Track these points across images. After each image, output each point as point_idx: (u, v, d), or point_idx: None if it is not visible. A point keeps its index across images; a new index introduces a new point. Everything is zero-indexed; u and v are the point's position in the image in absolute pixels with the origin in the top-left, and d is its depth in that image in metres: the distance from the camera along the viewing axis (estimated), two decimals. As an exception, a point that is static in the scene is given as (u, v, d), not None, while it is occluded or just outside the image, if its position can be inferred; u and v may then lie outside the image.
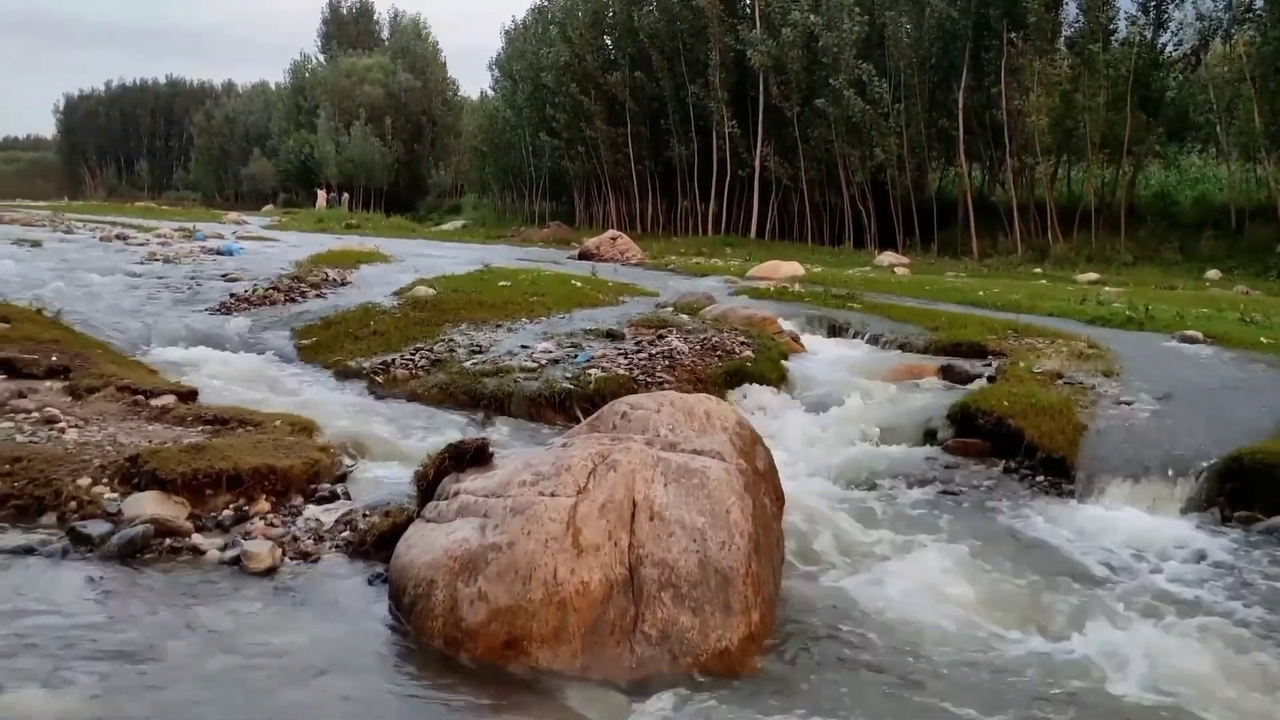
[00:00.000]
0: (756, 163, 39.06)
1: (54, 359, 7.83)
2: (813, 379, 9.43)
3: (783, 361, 9.78)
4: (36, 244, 17.28)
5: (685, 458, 4.63)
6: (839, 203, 37.56)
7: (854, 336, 11.96)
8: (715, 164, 41.15)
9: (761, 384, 9.14)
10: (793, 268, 20.30)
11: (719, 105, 39.32)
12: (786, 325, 11.64)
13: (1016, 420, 7.33)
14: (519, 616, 3.88)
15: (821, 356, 10.69)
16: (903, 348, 10.91)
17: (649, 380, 8.65)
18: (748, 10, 40.22)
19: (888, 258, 28.58)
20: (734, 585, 4.15)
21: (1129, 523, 6.07)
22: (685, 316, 11.57)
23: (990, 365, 9.52)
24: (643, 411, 5.13)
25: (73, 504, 4.90)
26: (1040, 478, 6.88)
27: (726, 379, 9.10)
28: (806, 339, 11.48)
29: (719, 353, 9.62)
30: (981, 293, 16.14)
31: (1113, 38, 30.67)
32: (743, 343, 9.97)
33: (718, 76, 39.09)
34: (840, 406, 8.50)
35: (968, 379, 9.09)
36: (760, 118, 38.52)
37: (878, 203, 35.88)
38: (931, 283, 19.21)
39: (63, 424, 6.04)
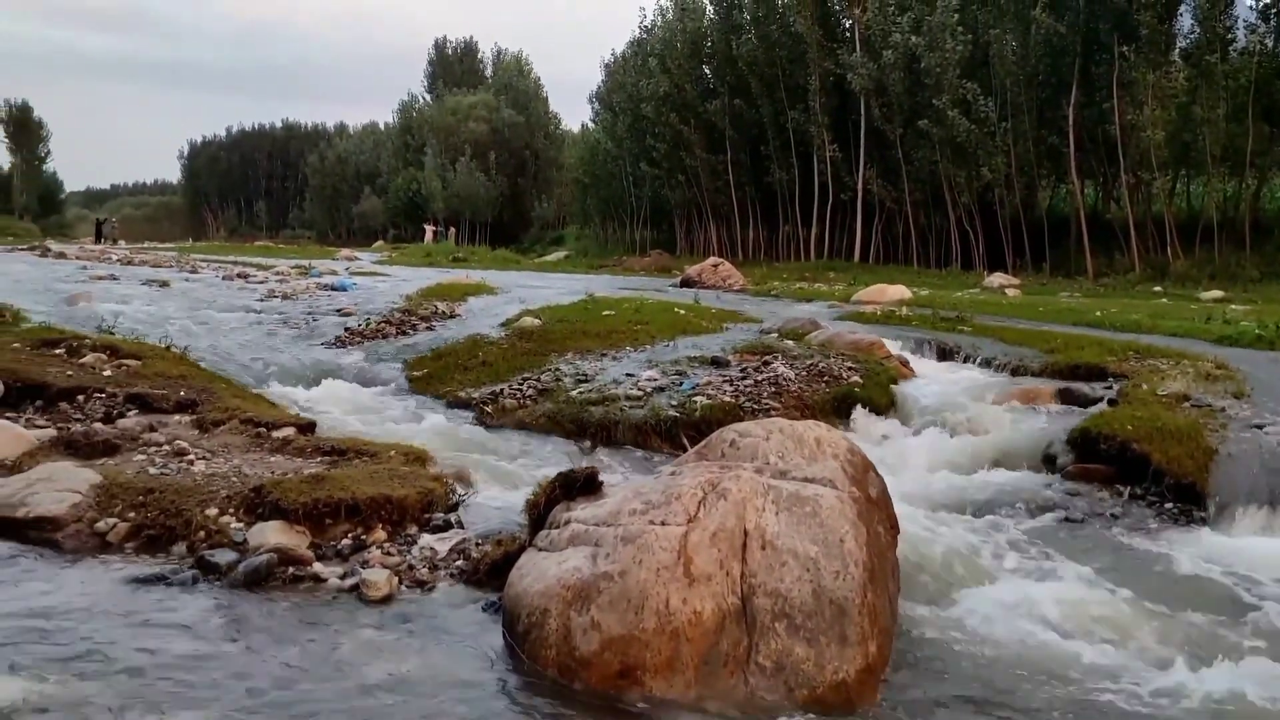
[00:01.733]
0: (859, 186, 38.68)
1: (182, 394, 8.16)
2: (923, 404, 9.24)
3: (892, 386, 9.61)
4: (165, 284, 18.11)
5: (796, 485, 4.56)
6: (945, 224, 36.90)
7: (965, 360, 11.68)
8: (816, 188, 40.88)
9: (870, 409, 9.00)
10: (899, 291, 20.01)
11: (820, 130, 39.13)
12: (894, 349, 11.44)
13: (1142, 444, 7.03)
14: (632, 646, 3.86)
15: (932, 381, 10.46)
16: (1017, 371, 10.61)
17: (755, 407, 8.59)
18: (847, 34, 40.04)
19: (997, 279, 27.91)
20: (849, 616, 4.06)
21: (1266, 552, 5.76)
22: (790, 342, 11.47)
23: (1111, 388, 9.18)
24: (751, 439, 5.09)
25: (201, 533, 5.09)
26: (1168, 504, 6.59)
27: (834, 405, 8.98)
28: (916, 363, 11.26)
29: (826, 378, 9.50)
30: (1099, 313, 15.63)
31: (1231, 47, 29.48)
32: (850, 368, 9.83)
33: (818, 101, 38.93)
34: (953, 431, 8.30)
35: (1087, 402, 8.79)
36: (862, 140, 38.18)
37: (985, 223, 35.11)
38: (1044, 304, 18.68)
39: (191, 456, 6.28)
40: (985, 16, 34.22)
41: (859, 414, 8.91)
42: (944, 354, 12.09)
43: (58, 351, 9.35)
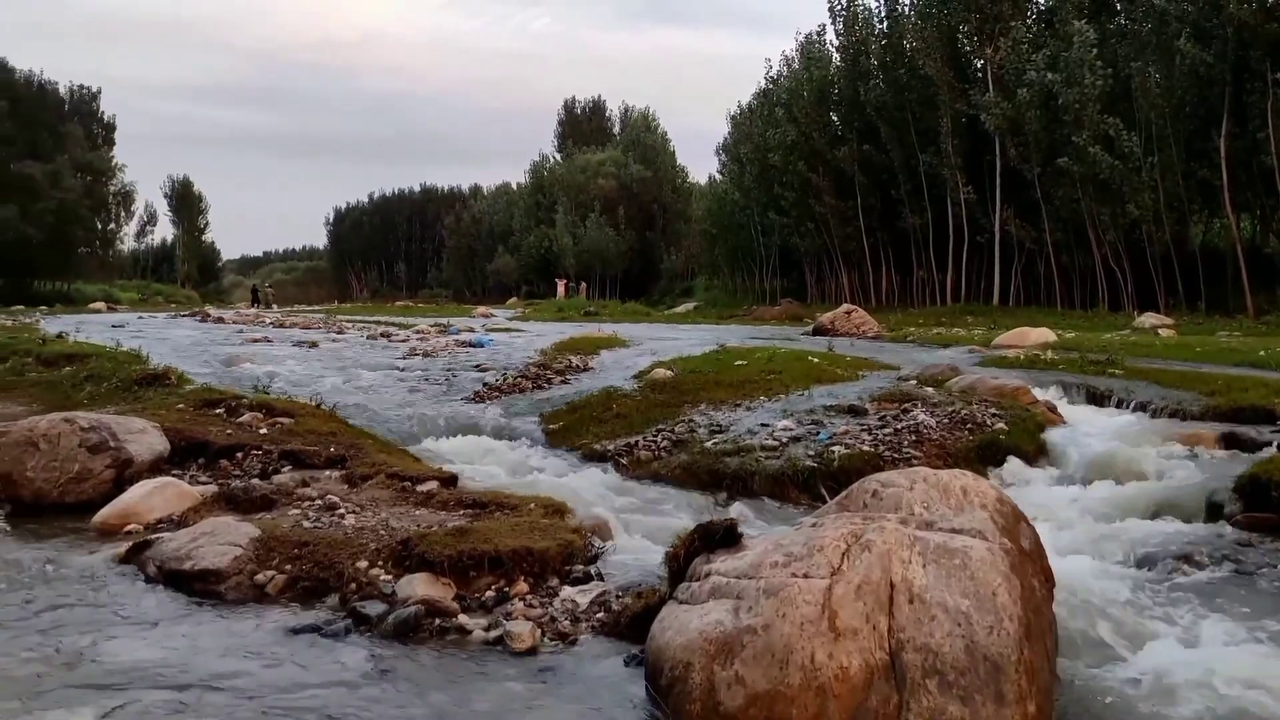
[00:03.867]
0: (996, 227, 37.73)
1: (332, 450, 8.49)
2: (1074, 450, 8.85)
3: (1040, 433, 9.25)
4: (314, 344, 18.93)
5: (944, 537, 4.41)
6: (1089, 263, 35.58)
7: (1117, 404, 11.16)
8: (951, 231, 40.10)
9: (1017, 457, 8.67)
10: (1042, 334, 19.34)
11: (953, 172, 38.45)
12: (1041, 394, 11.03)
13: (1319, 492, 6.57)
14: (778, 702, 3.78)
15: (1082, 427, 10.02)
16: (1174, 415, 10.07)
17: (895, 456, 8.38)
18: (979, 74, 39.34)
19: (1149, 319, 26.71)
20: (1005, 673, 3.88)
21: None
22: (930, 389, 11.19)
23: (1281, 431, 8.63)
24: (895, 489, 4.96)
25: (353, 585, 5.25)
26: (1351, 557, 6.11)
27: (978, 453, 8.69)
28: (1064, 408, 10.82)
29: (969, 425, 9.22)
30: (1263, 352, 14.74)
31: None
32: (994, 414, 9.52)
33: (950, 143, 38.27)
34: (1107, 479, 7.92)
35: (1255, 447, 8.28)
36: (998, 181, 37.33)
37: (1133, 261, 33.69)
38: (1201, 343, 17.75)
39: (342, 510, 6.51)
40: (1125, 49, 33.15)
41: (1006, 462, 8.60)
42: (1094, 398, 11.59)
43: (218, 411, 9.87)
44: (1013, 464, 8.59)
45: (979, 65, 39.82)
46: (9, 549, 6.32)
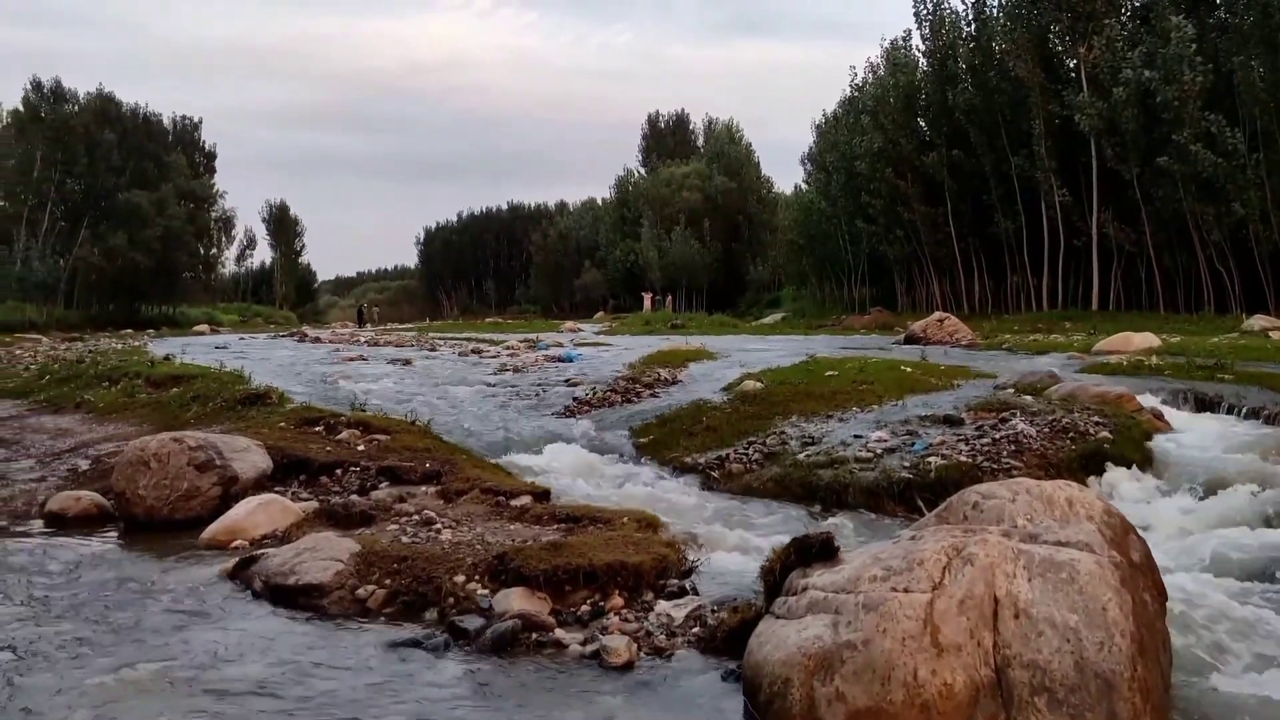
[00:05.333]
0: (1093, 230, 36.66)
1: (427, 466, 8.64)
2: (1183, 459, 8.54)
3: (1146, 441, 8.95)
4: (408, 362, 19.29)
5: (1049, 550, 4.28)
6: (1193, 265, 34.32)
7: (1228, 411, 10.73)
8: (1046, 235, 39.08)
9: (1122, 466, 8.40)
10: (1145, 338, 18.72)
11: (1047, 174, 37.47)
12: (1146, 401, 10.66)
13: None
14: (880, 718, 3.71)
15: (1191, 434, 9.66)
16: (1290, 421, 9.65)
17: (994, 467, 8.18)
18: (1072, 74, 38.32)
19: (1259, 321, 25.64)
20: (1117, 691, 3.74)
21: None
22: (1028, 397, 10.91)
23: None
24: (996, 501, 4.84)
25: (451, 600, 5.33)
26: None
27: (1082, 462, 8.43)
28: (1171, 415, 10.43)
29: (1070, 434, 8.96)
30: (1385, 353, 14.04)
31: None
32: (1097, 422, 9.23)
33: (1043, 145, 37.33)
34: (1219, 489, 7.61)
35: (1380, 454, 7.87)
36: (1094, 182, 36.28)
37: (1240, 261, 32.39)
38: (1318, 346, 16.97)
39: (438, 525, 6.61)
40: (1226, 44, 31.99)
41: (1110, 472, 8.33)
42: (1203, 405, 11.16)
43: (317, 429, 10.13)
44: (1118, 473, 8.33)
45: (1071, 65, 38.77)
46: (126, 565, 6.58)
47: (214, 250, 79.84)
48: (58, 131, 53.02)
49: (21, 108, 55.66)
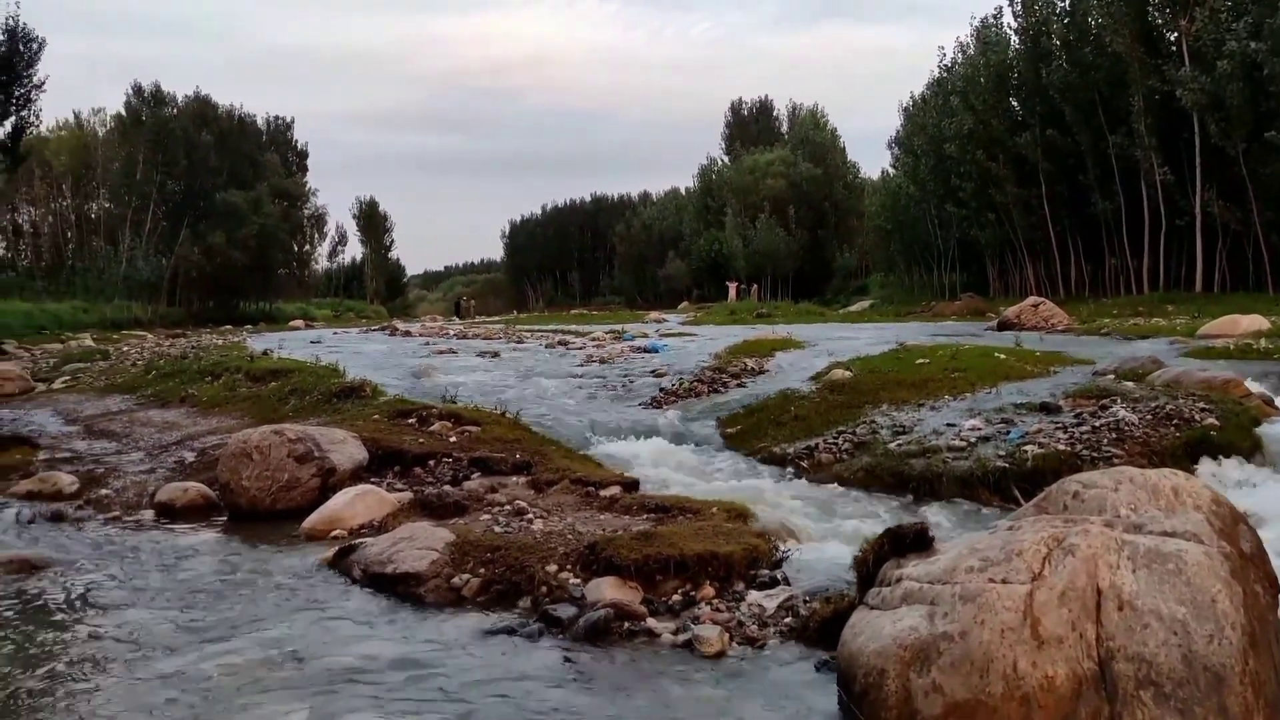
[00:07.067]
0: (1197, 209, 35.30)
1: (518, 456, 8.75)
2: (1295, 447, 8.19)
3: (1255, 428, 8.61)
4: (495, 355, 19.53)
5: (1154, 540, 4.15)
6: (1306, 244, 32.88)
7: (1345, 395, 10.26)
8: (1146, 215, 37.76)
9: (1230, 454, 8.10)
10: (1254, 321, 18.01)
11: (1147, 152, 36.20)
12: (1255, 387, 10.26)
13: None
14: (979, 711, 3.64)
15: (1304, 420, 9.27)
16: None
17: (1094, 455, 7.96)
18: (1172, 49, 36.91)
19: (1375, 301, 24.45)
20: (1229, 685, 3.62)
21: None
22: (1129, 384, 10.57)
23: None
24: (1098, 490, 4.70)
25: (543, 588, 5.40)
26: None
27: (1186, 450, 8.15)
28: (1282, 401, 10.03)
29: (1175, 421, 8.66)
30: None
31: None
32: (1203, 409, 8.91)
33: (1143, 122, 36.06)
34: (1336, 477, 7.28)
35: None
36: (1197, 160, 34.91)
37: (1357, 239, 30.92)
38: None
39: (530, 515, 6.69)
40: (1339, 11, 30.53)
41: (1218, 460, 8.04)
42: (1317, 389, 10.69)
43: (410, 421, 10.33)
44: (1226, 462, 8.04)
45: (1172, 38, 37.35)
46: (231, 554, 6.81)
47: (307, 247, 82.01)
48: (158, 134, 54.92)
49: (124, 112, 57.89)
